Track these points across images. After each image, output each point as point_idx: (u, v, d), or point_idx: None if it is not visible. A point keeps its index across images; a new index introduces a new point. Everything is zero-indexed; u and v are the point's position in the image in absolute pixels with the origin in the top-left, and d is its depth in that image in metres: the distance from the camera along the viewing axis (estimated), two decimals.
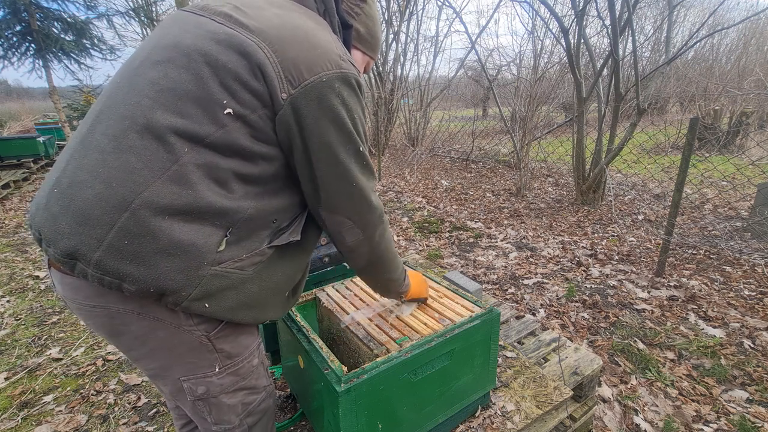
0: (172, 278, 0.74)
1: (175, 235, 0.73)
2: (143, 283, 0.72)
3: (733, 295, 2.75)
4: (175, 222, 0.73)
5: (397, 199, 5.58)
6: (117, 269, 0.71)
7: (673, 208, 2.93)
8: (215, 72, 0.74)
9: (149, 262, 0.72)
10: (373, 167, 0.94)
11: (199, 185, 0.74)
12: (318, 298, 1.38)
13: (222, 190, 0.77)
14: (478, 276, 3.23)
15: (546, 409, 1.30)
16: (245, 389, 0.95)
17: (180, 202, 0.72)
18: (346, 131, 0.82)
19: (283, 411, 1.38)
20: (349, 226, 0.91)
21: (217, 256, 0.78)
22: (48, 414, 1.85)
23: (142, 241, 0.71)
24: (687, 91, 10.27)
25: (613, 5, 3.86)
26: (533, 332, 1.80)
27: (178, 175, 0.72)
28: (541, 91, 6.44)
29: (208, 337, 0.84)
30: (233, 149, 0.76)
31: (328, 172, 0.83)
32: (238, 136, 0.76)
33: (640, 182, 5.74)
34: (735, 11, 11.56)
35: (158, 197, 0.71)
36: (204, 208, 0.75)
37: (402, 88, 8.77)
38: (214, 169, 0.75)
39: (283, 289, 0.93)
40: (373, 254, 0.99)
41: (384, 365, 0.99)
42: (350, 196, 0.88)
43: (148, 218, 0.71)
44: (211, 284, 0.78)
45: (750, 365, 2.08)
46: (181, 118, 0.73)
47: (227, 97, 0.74)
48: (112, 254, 0.70)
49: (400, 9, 8.33)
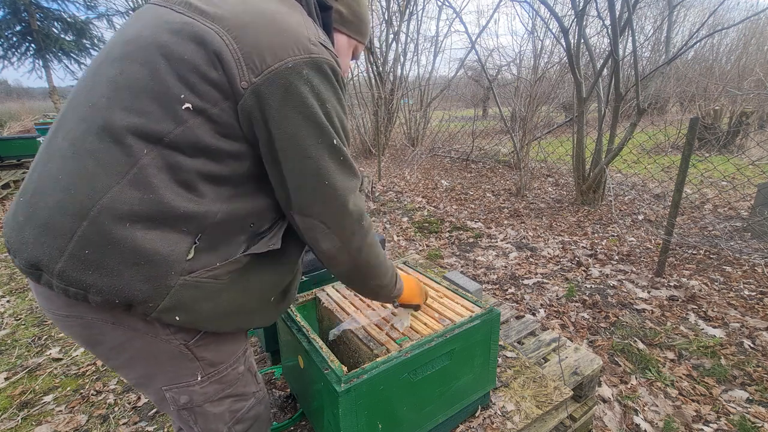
0: (138, 288, 0.69)
1: (138, 243, 0.68)
2: (108, 294, 0.68)
3: (733, 295, 2.75)
4: (138, 229, 0.68)
5: (397, 199, 5.58)
6: (80, 280, 0.67)
7: (673, 208, 2.93)
8: (171, 64, 0.69)
9: (113, 272, 0.68)
10: (354, 165, 0.84)
11: (161, 189, 0.69)
12: (318, 298, 1.38)
13: (188, 193, 0.71)
14: (478, 276, 3.23)
15: (546, 409, 1.30)
16: (232, 397, 0.91)
17: (142, 208, 0.68)
18: (316, 123, 0.74)
19: (283, 411, 1.38)
20: (322, 231, 0.82)
21: (187, 264, 0.73)
22: (48, 414, 1.85)
23: (104, 251, 0.67)
24: (687, 91, 10.27)
25: (613, 5, 3.86)
26: (533, 332, 1.80)
27: (138, 178, 0.67)
28: (541, 91, 6.44)
29: (186, 346, 0.80)
30: (197, 148, 0.71)
31: (297, 168, 0.76)
32: (201, 132, 0.70)
33: (640, 182, 5.73)
34: (735, 11, 11.56)
35: (118, 203, 0.67)
36: (168, 214, 0.70)
37: (402, 88, 8.77)
38: (177, 171, 0.70)
39: (268, 296, 0.88)
40: (353, 263, 0.89)
41: (384, 365, 0.99)
42: (322, 197, 0.79)
43: (109, 226, 0.67)
44: (181, 295, 0.73)
45: (750, 365, 2.08)
46: (139, 116, 0.68)
47: (185, 90, 0.69)
48: (74, 264, 0.67)
49: (400, 9, 8.32)
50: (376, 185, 6.05)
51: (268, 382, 1.51)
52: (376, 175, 6.72)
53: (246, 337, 0.96)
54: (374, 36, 8.43)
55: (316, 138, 0.76)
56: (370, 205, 4.88)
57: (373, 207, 4.94)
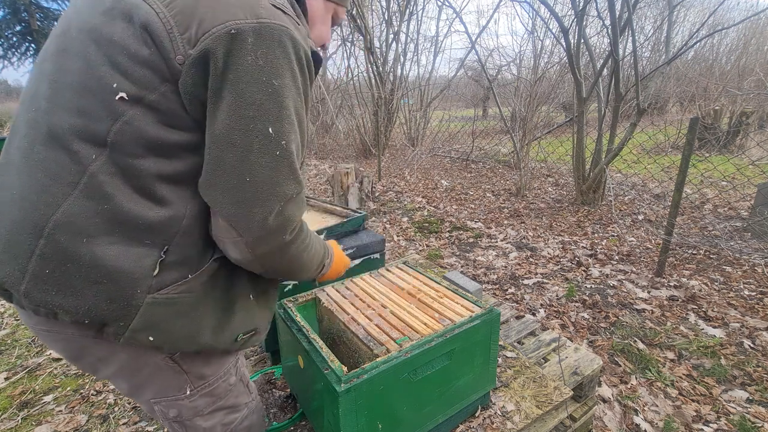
0: (104, 308, 0.63)
1: (98, 260, 0.62)
2: (76, 315, 0.63)
3: (733, 295, 2.75)
4: (97, 245, 0.62)
5: (397, 199, 5.58)
6: (45, 300, 0.62)
7: (673, 208, 2.93)
8: (102, 50, 0.61)
9: (77, 292, 0.62)
10: (297, 167, 0.69)
11: (116, 198, 0.61)
12: (318, 298, 1.38)
13: (146, 200, 0.63)
14: (478, 276, 3.23)
15: (546, 409, 1.30)
16: (223, 409, 0.86)
17: (98, 221, 0.61)
18: (252, 102, 0.62)
19: (283, 411, 1.38)
20: (232, 238, 0.67)
21: (154, 281, 0.65)
22: (48, 414, 1.85)
23: (64, 269, 0.61)
24: (687, 91, 10.27)
25: (613, 5, 3.86)
26: (533, 332, 1.80)
27: (90, 188, 0.61)
28: (541, 91, 6.44)
29: (172, 359, 0.74)
30: (142, 144, 0.62)
31: (217, 158, 0.63)
32: (143, 125, 0.61)
33: (640, 182, 5.73)
34: (735, 11, 11.56)
35: (73, 218, 0.61)
36: (128, 226, 0.63)
37: (402, 88, 8.77)
38: (131, 176, 0.62)
39: (247, 294, 0.80)
40: (267, 272, 0.76)
41: (384, 365, 0.99)
42: (237, 197, 0.64)
43: (66, 243, 0.61)
44: (151, 314, 0.66)
45: (750, 365, 2.08)
46: (80, 117, 0.61)
47: (117, 77, 0.60)
48: (37, 285, 0.62)
49: (400, 9, 8.32)
50: (376, 185, 6.05)
51: (268, 382, 1.51)
52: (376, 175, 6.72)
53: None
54: (374, 36, 8.43)
55: (247, 122, 0.62)
56: (370, 205, 4.88)
57: (373, 207, 4.94)
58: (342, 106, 10.13)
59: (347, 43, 9.37)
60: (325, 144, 10.29)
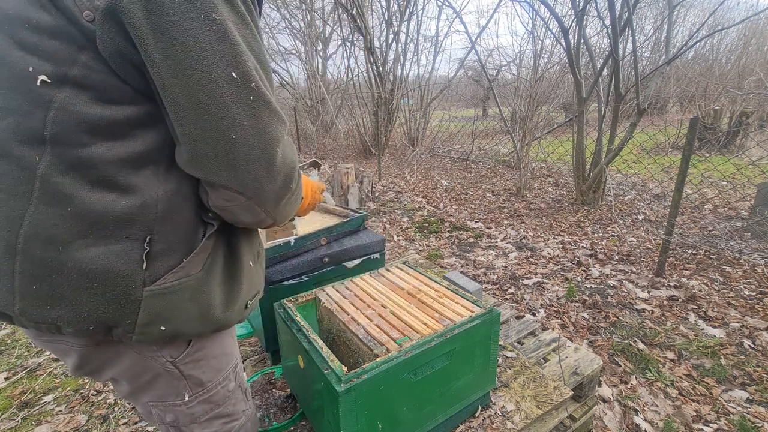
0: (105, 312, 0.60)
1: (81, 266, 0.58)
2: (78, 324, 0.60)
3: (733, 295, 2.75)
4: (75, 250, 0.58)
5: (397, 199, 5.58)
6: (43, 316, 0.59)
7: (673, 208, 2.93)
8: (8, 31, 0.53)
9: (72, 302, 0.59)
10: (275, 104, 0.62)
11: (77, 197, 0.56)
12: (318, 298, 1.38)
13: (109, 192, 0.58)
14: (478, 276, 3.23)
15: (546, 409, 1.30)
16: (221, 417, 0.84)
17: (67, 226, 0.57)
18: (201, 48, 0.53)
19: (283, 411, 1.38)
20: (241, 204, 0.63)
21: (147, 274, 0.61)
22: (48, 414, 1.85)
23: (51, 282, 0.58)
24: (687, 91, 10.27)
25: (613, 5, 3.86)
26: (533, 332, 1.80)
27: (45, 193, 0.56)
28: (541, 91, 6.44)
29: (173, 363, 0.72)
30: (86, 130, 0.55)
31: (193, 122, 0.56)
32: (78, 108, 0.54)
33: (640, 182, 5.73)
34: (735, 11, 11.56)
35: (39, 229, 0.56)
36: (99, 224, 0.58)
37: (402, 88, 8.78)
38: (84, 169, 0.56)
39: (248, 262, 0.77)
40: (277, 223, 0.73)
41: (384, 365, 0.99)
42: (232, 158, 0.58)
43: (42, 255, 0.57)
44: (155, 305, 0.63)
45: (750, 365, 2.08)
46: (12, 116, 0.55)
47: (29, 58, 0.52)
48: (29, 302, 0.59)
49: (400, 9, 8.32)
50: (376, 185, 6.05)
51: (268, 382, 1.51)
52: (376, 175, 6.72)
53: (236, 348, 0.90)
54: (374, 36, 8.43)
55: (206, 73, 0.54)
56: (370, 205, 4.88)
57: (373, 207, 4.94)
58: (342, 106, 10.13)
59: (347, 43, 9.38)
60: (325, 144, 10.29)
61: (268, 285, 1.46)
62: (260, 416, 1.35)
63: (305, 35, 10.68)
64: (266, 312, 1.48)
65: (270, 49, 12.31)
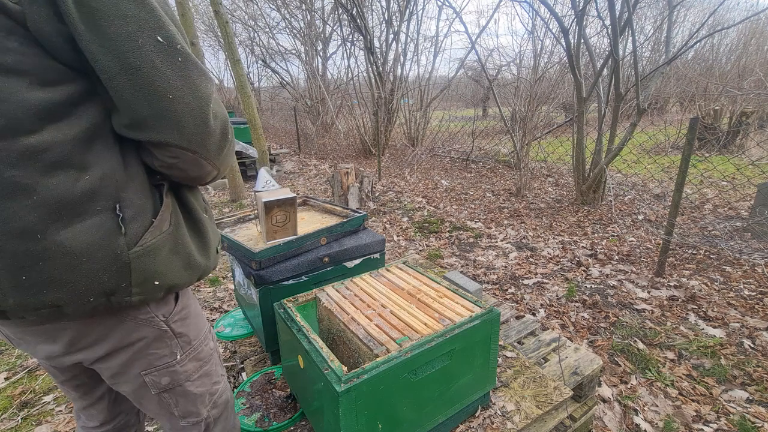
0: (100, 281, 0.64)
1: (65, 247, 0.60)
2: (78, 299, 0.63)
3: (733, 295, 2.75)
4: (54, 235, 0.60)
5: (397, 199, 5.58)
6: (42, 302, 0.62)
7: (673, 208, 2.93)
8: None
9: (66, 281, 0.62)
10: (197, 60, 0.66)
11: (37, 185, 0.57)
12: (318, 298, 1.38)
13: (68, 172, 0.59)
14: (478, 276, 3.23)
15: (546, 409, 1.30)
16: (208, 376, 0.91)
17: (37, 215, 0.58)
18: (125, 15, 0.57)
19: (283, 411, 1.38)
20: (190, 159, 0.69)
21: (127, 239, 0.65)
22: (48, 414, 1.85)
23: (39, 269, 0.60)
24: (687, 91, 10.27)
25: (613, 5, 3.86)
26: (533, 332, 1.80)
27: (5, 188, 0.56)
28: (541, 91, 6.44)
29: (166, 323, 0.79)
30: (32, 117, 0.56)
31: (130, 87, 0.59)
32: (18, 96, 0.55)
33: (640, 182, 5.73)
34: (735, 11, 11.55)
35: (10, 223, 0.57)
36: (66, 204, 0.59)
37: (402, 88, 8.78)
38: (36, 156, 0.57)
39: (202, 213, 0.84)
40: (220, 175, 0.81)
41: (384, 365, 0.99)
42: (177, 119, 0.63)
43: (23, 247, 0.59)
44: (143, 264, 0.67)
45: (750, 365, 2.08)
46: None
47: None
48: (23, 293, 0.61)
49: (400, 9, 8.32)
50: (376, 185, 6.05)
51: (268, 382, 1.51)
52: (376, 175, 6.72)
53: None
54: (374, 36, 8.44)
55: (134, 39, 0.57)
56: (370, 205, 4.88)
57: (373, 207, 4.94)
58: (342, 106, 10.13)
59: (347, 43, 9.38)
60: (325, 144, 10.29)
61: (268, 285, 1.46)
62: (260, 416, 1.35)
63: (305, 35, 10.68)
64: (266, 312, 1.48)
65: (270, 49, 12.31)
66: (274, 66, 12.18)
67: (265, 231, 1.52)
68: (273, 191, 1.57)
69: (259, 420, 1.33)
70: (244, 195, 5.66)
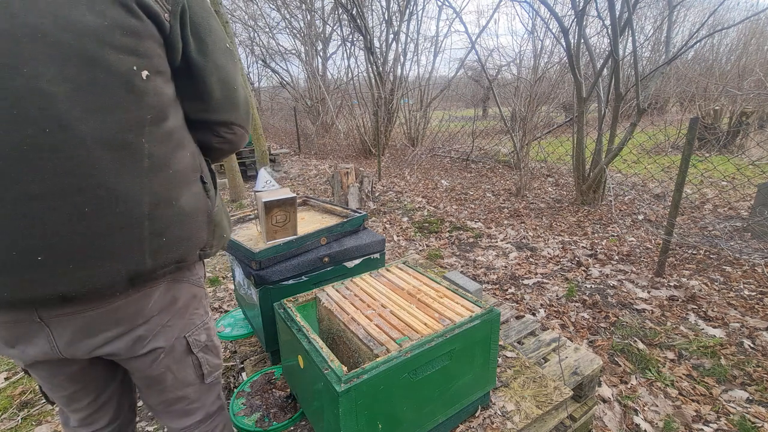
0: (201, 237, 0.82)
1: (184, 210, 0.78)
2: (192, 254, 0.81)
3: (733, 295, 2.75)
4: (178, 201, 0.76)
5: (397, 199, 5.58)
6: (170, 258, 0.77)
7: (673, 208, 2.93)
8: (102, 39, 0.66)
9: (188, 238, 0.79)
10: None
11: (173, 159, 0.75)
12: (318, 298, 1.38)
13: (183, 150, 0.78)
14: (478, 276, 3.23)
15: (546, 409, 1.30)
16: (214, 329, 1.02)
17: (173, 183, 0.76)
18: (212, 28, 0.79)
19: (283, 411, 1.38)
20: (242, 135, 0.94)
21: (210, 203, 0.85)
22: (48, 414, 1.85)
23: (171, 232, 0.76)
24: (687, 91, 10.26)
25: (613, 5, 3.86)
26: (533, 332, 1.80)
27: (154, 165, 0.72)
28: (541, 91, 6.44)
29: (201, 284, 0.92)
30: (167, 106, 0.74)
31: (219, 78, 0.82)
32: (162, 90, 0.72)
33: (640, 182, 5.73)
34: (735, 11, 11.55)
35: (158, 194, 0.73)
36: (186, 175, 0.78)
37: (402, 88, 8.77)
38: (170, 135, 0.75)
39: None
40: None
41: (384, 365, 0.99)
42: (237, 100, 0.87)
43: (165, 213, 0.75)
44: (218, 223, 0.88)
45: (750, 365, 2.08)
46: (116, 111, 0.68)
47: (130, 59, 0.68)
48: (159, 253, 0.75)
49: (400, 9, 8.32)
50: (376, 185, 6.05)
51: (268, 382, 1.51)
52: (376, 175, 6.72)
53: None
54: (374, 36, 8.44)
55: (220, 44, 0.81)
56: (370, 205, 4.88)
57: (373, 207, 4.94)
58: (342, 106, 10.13)
59: (347, 43, 9.38)
60: (325, 144, 10.29)
61: (268, 285, 1.46)
62: (260, 416, 1.35)
63: (305, 35, 10.68)
64: (266, 312, 1.48)
65: (270, 49, 12.31)
66: (274, 66, 12.19)
67: (265, 231, 1.52)
68: (273, 191, 1.57)
69: (259, 420, 1.33)
70: (244, 195, 5.66)
